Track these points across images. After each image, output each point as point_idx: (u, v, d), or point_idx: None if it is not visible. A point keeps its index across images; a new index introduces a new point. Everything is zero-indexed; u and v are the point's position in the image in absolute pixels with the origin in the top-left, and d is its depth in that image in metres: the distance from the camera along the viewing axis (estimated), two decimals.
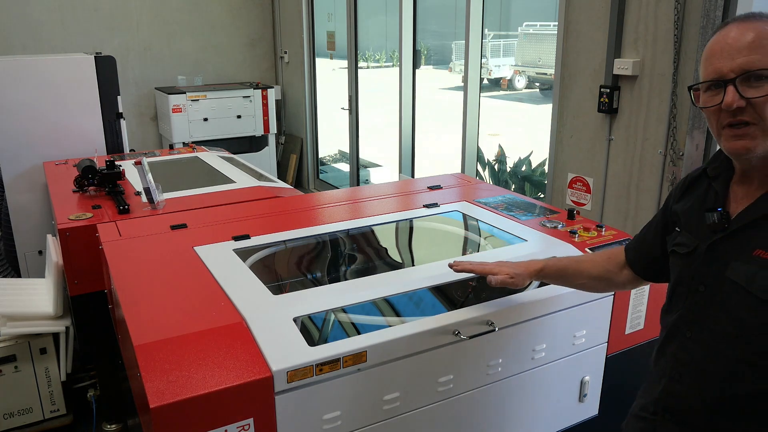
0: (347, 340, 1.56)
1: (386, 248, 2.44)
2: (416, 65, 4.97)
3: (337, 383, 1.52)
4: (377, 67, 9.20)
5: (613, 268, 1.60)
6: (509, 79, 9.26)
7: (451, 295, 1.84)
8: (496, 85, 9.33)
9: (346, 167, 6.43)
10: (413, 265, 2.27)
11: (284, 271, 2.23)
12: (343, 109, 5.77)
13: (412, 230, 2.52)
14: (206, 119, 5.99)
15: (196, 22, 6.45)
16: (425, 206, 2.56)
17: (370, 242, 2.45)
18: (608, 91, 3.09)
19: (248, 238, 2.17)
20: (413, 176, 5.07)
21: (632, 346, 2.10)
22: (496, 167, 5.77)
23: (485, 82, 8.65)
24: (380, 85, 7.82)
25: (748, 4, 2.52)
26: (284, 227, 2.31)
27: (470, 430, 1.81)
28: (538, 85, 9.25)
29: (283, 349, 1.48)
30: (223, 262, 1.96)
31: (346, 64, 5.69)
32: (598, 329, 1.99)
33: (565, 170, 3.49)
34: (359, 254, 2.39)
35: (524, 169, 5.55)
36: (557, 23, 3.42)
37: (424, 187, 2.86)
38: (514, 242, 2.20)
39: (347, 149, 6.02)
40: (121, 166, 3.13)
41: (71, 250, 2.53)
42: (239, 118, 6.14)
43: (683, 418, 1.31)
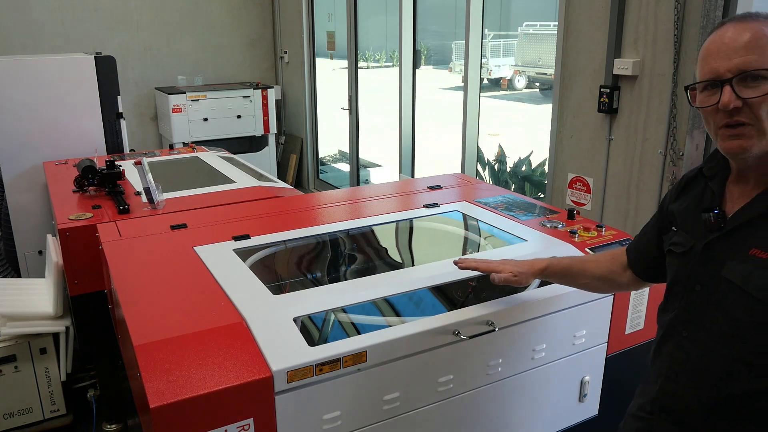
0: (347, 340, 1.56)
1: (386, 248, 2.44)
2: (416, 65, 4.96)
3: (337, 383, 1.52)
4: (377, 67, 9.20)
5: (616, 268, 1.60)
6: (509, 79, 9.27)
7: (451, 295, 1.84)
8: (496, 85, 9.33)
9: (346, 167, 6.43)
10: (413, 265, 2.27)
11: (284, 271, 2.23)
12: (343, 109, 5.77)
13: (412, 230, 2.52)
14: (206, 119, 5.99)
15: (196, 22, 6.45)
16: (425, 206, 2.56)
17: (370, 242, 2.45)
18: (608, 91, 3.09)
19: (248, 238, 2.17)
20: (413, 176, 5.07)
21: (632, 346, 2.10)
22: (496, 167, 5.77)
23: (485, 82, 8.65)
24: (380, 85, 7.83)
25: (747, 4, 2.52)
26: (284, 227, 2.31)
27: (470, 430, 1.81)
28: (538, 85, 9.25)
29: (283, 349, 1.48)
30: (223, 262, 1.96)
31: (346, 64, 5.69)
32: (598, 329, 1.99)
33: (565, 170, 3.49)
34: (359, 254, 2.39)
35: (524, 169, 5.55)
36: (557, 23, 3.42)
37: (424, 187, 2.86)
38: (514, 242, 2.20)
39: (347, 149, 6.02)
40: (121, 166, 3.13)
41: (71, 250, 2.53)
42: (239, 118, 6.14)
43: (680, 417, 1.31)
